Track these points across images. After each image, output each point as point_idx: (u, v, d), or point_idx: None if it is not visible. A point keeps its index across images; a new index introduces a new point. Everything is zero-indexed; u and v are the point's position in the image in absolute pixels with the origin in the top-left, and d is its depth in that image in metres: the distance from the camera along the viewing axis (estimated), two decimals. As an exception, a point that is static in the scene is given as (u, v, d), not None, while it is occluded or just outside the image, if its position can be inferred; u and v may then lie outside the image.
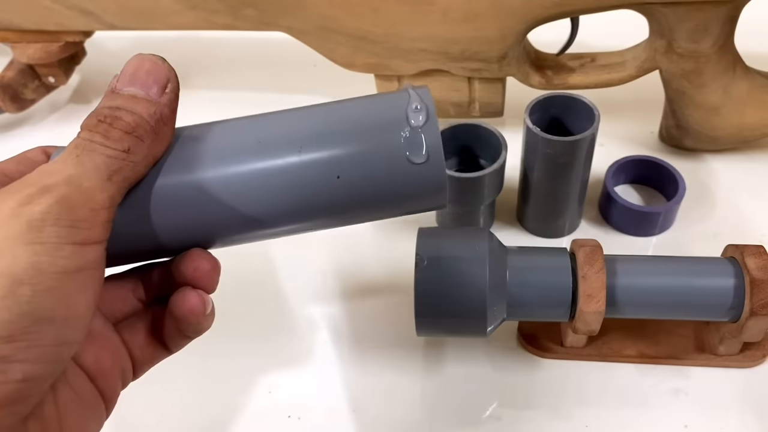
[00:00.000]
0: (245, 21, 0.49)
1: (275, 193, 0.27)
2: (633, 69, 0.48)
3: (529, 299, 0.37)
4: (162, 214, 0.27)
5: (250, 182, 0.27)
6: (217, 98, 0.61)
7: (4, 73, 0.55)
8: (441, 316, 0.36)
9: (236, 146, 0.28)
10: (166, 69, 0.30)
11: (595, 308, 0.35)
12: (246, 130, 0.29)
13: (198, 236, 0.29)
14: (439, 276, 0.36)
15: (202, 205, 0.27)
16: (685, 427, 0.39)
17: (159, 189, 0.27)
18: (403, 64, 0.49)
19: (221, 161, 0.27)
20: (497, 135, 0.43)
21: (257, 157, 0.27)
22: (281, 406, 0.41)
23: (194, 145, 0.28)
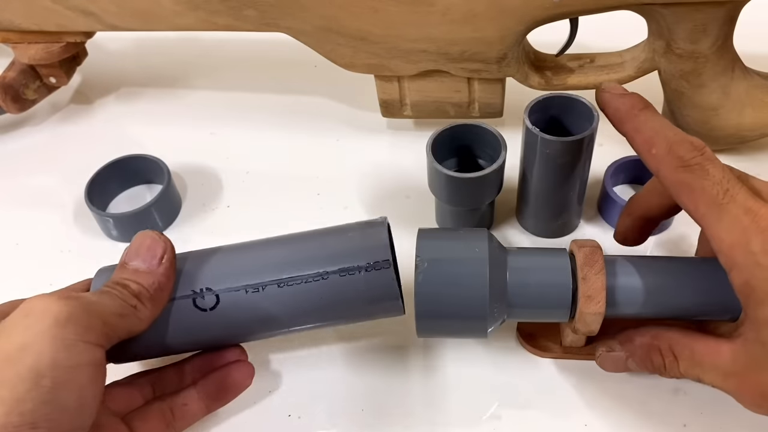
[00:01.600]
0: (246, 22, 0.49)
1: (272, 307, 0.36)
2: (632, 70, 0.48)
3: (529, 300, 0.37)
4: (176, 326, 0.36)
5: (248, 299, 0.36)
6: (218, 98, 0.61)
7: (5, 74, 0.55)
8: (441, 317, 0.36)
9: (232, 272, 0.36)
10: (162, 243, 0.36)
11: (595, 309, 0.35)
12: (246, 257, 0.37)
13: (204, 342, 0.38)
14: (440, 277, 0.36)
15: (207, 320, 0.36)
16: (684, 426, 0.39)
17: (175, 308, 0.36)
18: (403, 65, 0.49)
19: (223, 283, 0.36)
20: (497, 135, 0.44)
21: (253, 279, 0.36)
22: (281, 405, 0.41)
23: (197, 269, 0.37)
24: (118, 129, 0.59)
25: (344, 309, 0.37)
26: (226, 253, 0.38)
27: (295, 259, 0.36)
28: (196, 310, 0.35)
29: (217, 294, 0.35)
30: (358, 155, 0.54)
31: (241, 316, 0.36)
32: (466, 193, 0.43)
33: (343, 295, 0.36)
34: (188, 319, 0.36)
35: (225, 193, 0.53)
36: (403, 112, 0.53)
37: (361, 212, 0.50)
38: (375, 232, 0.37)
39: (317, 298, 0.36)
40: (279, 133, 0.57)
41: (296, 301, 0.36)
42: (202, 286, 0.36)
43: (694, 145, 0.32)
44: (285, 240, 0.38)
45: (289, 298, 0.36)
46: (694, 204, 0.32)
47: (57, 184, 0.55)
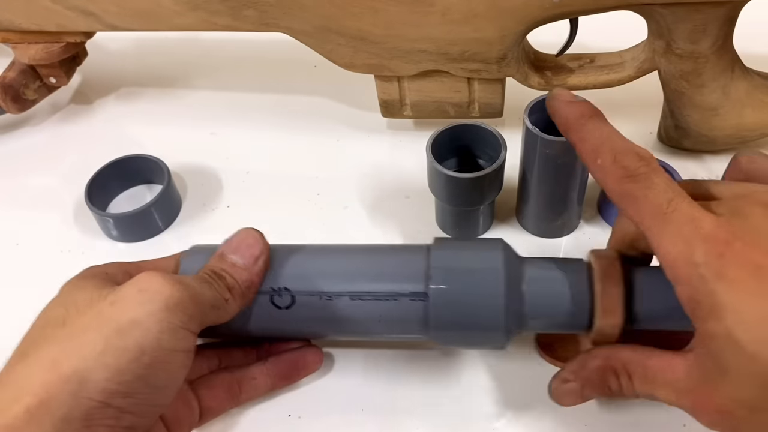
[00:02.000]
0: (246, 22, 0.49)
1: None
2: (632, 70, 0.48)
3: (545, 312, 0.36)
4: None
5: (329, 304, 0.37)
6: (218, 98, 0.61)
7: (5, 74, 0.55)
8: (457, 328, 0.36)
9: (310, 276, 0.38)
10: (261, 244, 0.37)
11: (613, 322, 0.35)
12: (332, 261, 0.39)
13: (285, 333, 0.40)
14: (454, 288, 0.36)
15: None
16: (684, 426, 0.39)
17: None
18: (403, 65, 0.49)
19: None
20: (496, 135, 0.44)
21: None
22: (281, 405, 0.41)
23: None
24: (118, 129, 0.59)
25: (415, 332, 0.38)
26: (307, 254, 0.39)
27: (370, 274, 0.38)
28: (272, 307, 0.37)
29: (294, 295, 0.37)
30: (358, 155, 0.54)
31: (312, 318, 0.38)
32: (466, 193, 0.43)
33: (410, 317, 0.37)
34: (265, 313, 0.38)
35: (225, 193, 0.53)
36: (403, 112, 0.53)
37: (361, 212, 0.50)
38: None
39: (387, 316, 0.37)
40: (279, 133, 0.57)
41: (365, 315, 0.37)
42: (281, 285, 0.37)
43: (640, 155, 0.32)
44: (365, 250, 0.40)
45: (358, 310, 0.37)
46: (640, 216, 0.31)
47: (57, 184, 0.55)
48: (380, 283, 0.37)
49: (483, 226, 0.48)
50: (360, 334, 0.40)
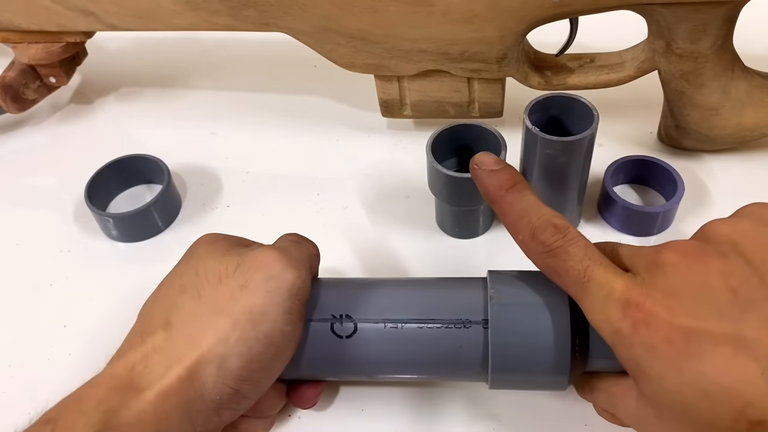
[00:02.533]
0: (246, 22, 0.49)
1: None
2: (632, 69, 0.48)
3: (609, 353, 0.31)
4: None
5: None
6: (218, 98, 0.61)
7: (5, 74, 0.55)
8: (516, 372, 0.34)
9: (373, 304, 0.36)
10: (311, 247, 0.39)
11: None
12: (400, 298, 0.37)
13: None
14: (516, 326, 0.33)
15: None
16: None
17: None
18: (403, 65, 0.49)
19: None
20: (496, 135, 0.44)
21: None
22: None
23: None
24: (118, 129, 0.59)
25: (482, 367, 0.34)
26: (366, 284, 0.37)
27: (439, 302, 0.35)
28: (332, 335, 0.35)
29: (356, 322, 0.35)
30: (358, 155, 0.54)
31: (376, 349, 0.35)
32: (466, 193, 0.43)
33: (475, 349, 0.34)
34: (324, 343, 0.35)
35: (225, 193, 0.53)
36: (403, 112, 0.53)
37: (361, 212, 0.50)
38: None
39: (456, 347, 0.34)
40: (279, 133, 0.57)
41: (434, 345, 0.34)
42: (342, 312, 0.35)
43: (557, 227, 0.31)
44: (430, 281, 0.39)
45: (428, 339, 0.34)
46: (566, 287, 0.31)
47: (57, 184, 0.55)
48: (449, 311, 0.34)
49: (483, 226, 0.48)
50: (418, 371, 0.37)
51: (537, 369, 0.33)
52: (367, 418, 0.40)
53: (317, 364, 0.36)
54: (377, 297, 0.36)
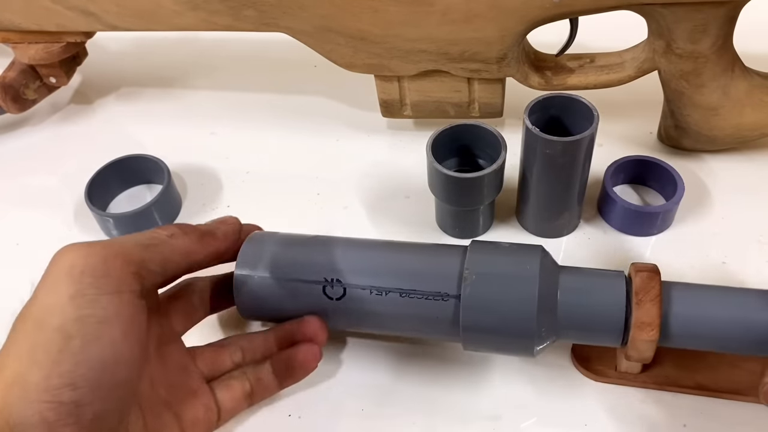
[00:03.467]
0: (246, 22, 0.49)
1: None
2: (632, 70, 0.48)
3: (579, 322, 0.36)
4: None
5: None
6: (218, 98, 0.61)
7: (5, 74, 0.55)
8: (487, 332, 0.36)
9: (362, 270, 0.39)
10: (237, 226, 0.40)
11: (649, 337, 0.34)
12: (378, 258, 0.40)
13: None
14: (487, 292, 0.36)
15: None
16: (684, 426, 0.39)
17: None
18: (403, 65, 0.49)
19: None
20: (497, 135, 0.44)
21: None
22: (281, 405, 0.41)
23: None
24: (118, 129, 0.59)
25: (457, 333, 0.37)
26: (359, 249, 0.40)
27: (421, 273, 0.38)
28: (324, 297, 0.39)
29: (345, 287, 0.38)
30: (358, 155, 0.54)
31: (361, 311, 0.39)
32: (466, 193, 0.43)
33: (448, 317, 0.37)
34: (316, 302, 0.39)
35: (225, 193, 0.53)
36: (403, 112, 0.53)
37: (361, 212, 0.50)
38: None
39: (434, 316, 0.37)
40: (279, 133, 0.57)
41: (413, 312, 0.38)
42: (333, 276, 0.38)
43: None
44: (416, 249, 0.41)
45: (407, 308, 0.38)
46: None
47: (57, 184, 0.55)
48: (430, 282, 0.37)
49: (483, 226, 0.48)
50: (407, 332, 0.41)
51: (505, 341, 0.37)
52: (367, 418, 0.40)
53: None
54: (365, 263, 0.39)
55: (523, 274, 0.36)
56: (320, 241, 0.41)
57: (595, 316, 0.36)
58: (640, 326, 0.34)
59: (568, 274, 0.37)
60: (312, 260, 0.39)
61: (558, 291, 0.36)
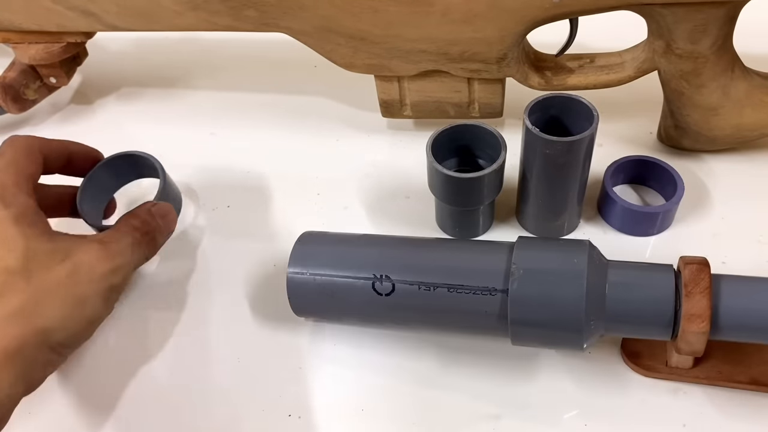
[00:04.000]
0: (246, 22, 0.49)
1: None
2: (632, 70, 0.48)
3: (628, 315, 0.36)
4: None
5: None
6: (218, 99, 0.61)
7: (5, 74, 0.55)
8: (536, 327, 0.37)
9: (410, 266, 0.40)
10: (175, 222, 0.46)
11: (699, 329, 0.34)
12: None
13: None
14: (536, 287, 0.36)
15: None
16: (684, 426, 0.39)
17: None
18: (403, 65, 0.49)
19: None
20: (496, 135, 0.44)
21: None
22: (281, 405, 0.41)
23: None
24: (118, 129, 0.59)
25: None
26: (404, 245, 0.42)
27: (469, 268, 0.39)
28: (373, 293, 0.39)
29: (394, 283, 0.39)
30: (358, 155, 0.55)
31: (409, 307, 0.39)
32: (466, 193, 0.43)
33: (498, 312, 0.38)
34: (366, 299, 0.40)
35: (225, 193, 0.53)
36: (403, 112, 0.53)
37: (361, 212, 0.50)
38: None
39: (482, 311, 0.38)
40: (279, 133, 0.57)
41: (461, 307, 0.38)
42: (382, 273, 0.39)
43: None
44: (463, 245, 0.42)
45: (454, 303, 0.38)
46: None
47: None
48: (476, 278, 0.38)
49: (483, 226, 0.48)
50: (446, 326, 0.41)
51: (553, 336, 0.37)
52: (367, 418, 0.40)
53: (358, 315, 0.41)
54: (413, 259, 0.40)
55: (571, 268, 0.36)
56: (369, 240, 0.43)
57: (643, 309, 0.36)
58: (690, 318, 0.34)
59: (616, 268, 0.37)
60: (361, 258, 0.41)
61: (606, 284, 0.36)
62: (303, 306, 0.42)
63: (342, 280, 0.40)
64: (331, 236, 0.43)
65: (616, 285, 0.36)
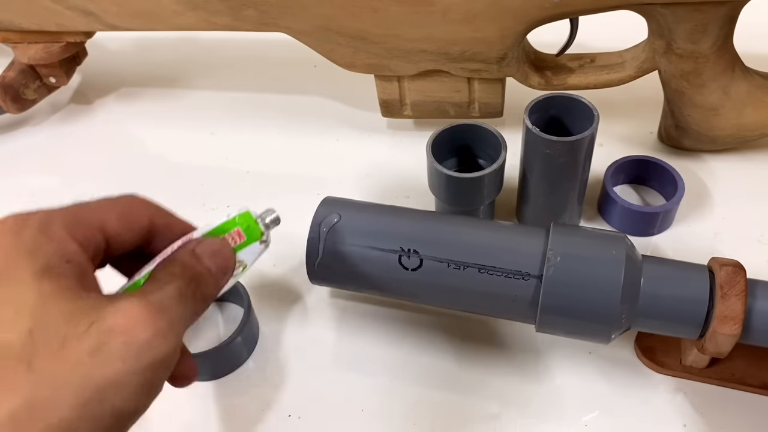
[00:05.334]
0: (246, 22, 0.49)
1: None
2: (632, 69, 0.48)
3: (660, 312, 0.36)
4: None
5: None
6: (218, 98, 0.61)
7: (5, 74, 0.55)
8: (566, 315, 0.36)
9: (440, 243, 0.38)
10: (232, 262, 0.31)
11: (731, 331, 0.34)
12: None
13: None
14: (572, 274, 0.35)
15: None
16: (684, 426, 0.39)
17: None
18: (403, 65, 0.49)
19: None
20: (497, 135, 0.44)
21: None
22: (281, 405, 0.41)
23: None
24: (118, 129, 0.59)
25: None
26: (436, 220, 0.40)
27: (502, 250, 0.37)
28: (399, 267, 0.38)
29: (422, 259, 0.37)
30: (358, 155, 0.54)
31: (436, 284, 0.38)
32: (466, 193, 0.43)
33: (528, 297, 0.36)
34: (390, 272, 0.38)
35: (225, 193, 0.53)
36: (403, 112, 0.53)
37: (361, 212, 0.50)
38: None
39: (511, 294, 0.36)
40: (279, 133, 0.57)
41: (490, 290, 0.37)
42: (410, 247, 0.37)
43: None
44: (497, 226, 0.40)
45: (484, 285, 0.37)
46: None
47: (57, 184, 0.55)
48: (510, 261, 0.36)
49: (483, 226, 0.48)
50: (471, 307, 0.39)
51: (583, 326, 0.36)
52: (367, 418, 0.40)
53: (378, 287, 0.39)
54: (444, 236, 0.38)
55: (610, 258, 0.35)
56: (397, 211, 0.41)
57: (677, 307, 0.35)
58: (723, 320, 0.34)
59: (652, 263, 0.36)
60: (389, 228, 0.39)
61: (642, 279, 0.35)
62: (321, 274, 0.40)
63: (366, 250, 0.38)
64: (356, 203, 0.41)
65: (651, 279, 0.36)
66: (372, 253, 0.38)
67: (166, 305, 0.27)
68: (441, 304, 0.41)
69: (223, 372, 0.42)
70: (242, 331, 0.41)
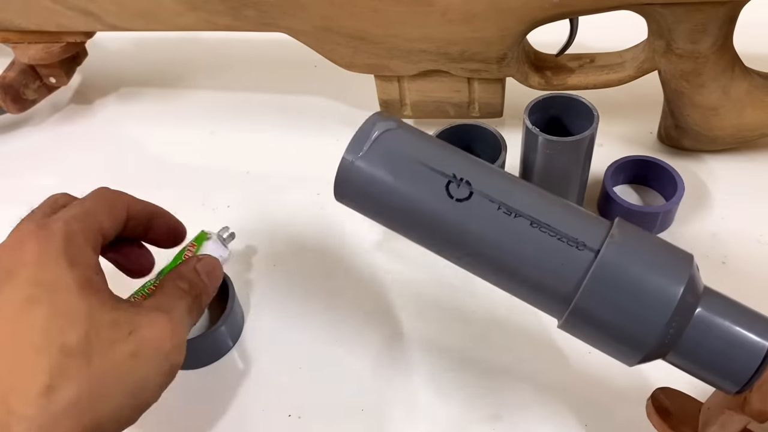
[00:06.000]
0: (246, 22, 0.49)
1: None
2: (632, 70, 0.48)
3: (704, 353, 0.30)
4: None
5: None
6: (218, 98, 0.61)
7: (5, 74, 0.55)
8: (597, 323, 0.31)
9: (497, 184, 0.33)
10: (219, 281, 0.37)
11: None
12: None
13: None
14: (630, 260, 0.30)
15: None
16: None
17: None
18: (403, 65, 0.49)
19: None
20: (497, 135, 0.44)
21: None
22: (281, 405, 0.41)
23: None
24: (118, 129, 0.59)
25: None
26: (494, 168, 0.34)
27: (563, 212, 0.32)
28: (444, 194, 0.32)
29: (472, 192, 0.32)
30: (358, 155, 0.54)
31: (478, 226, 0.32)
32: (466, 193, 0.43)
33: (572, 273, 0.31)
34: (433, 198, 0.32)
35: (225, 193, 0.53)
36: (403, 112, 0.53)
37: (361, 212, 0.50)
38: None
39: (557, 262, 0.31)
40: (279, 133, 0.57)
41: (536, 251, 0.31)
42: (462, 176, 0.32)
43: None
44: (557, 196, 0.34)
45: (531, 242, 0.31)
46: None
47: (57, 184, 0.55)
48: (572, 226, 0.31)
49: (483, 226, 0.48)
50: (503, 268, 0.33)
51: (618, 332, 0.30)
52: (367, 418, 0.40)
53: (414, 213, 0.33)
54: (502, 179, 0.33)
55: (674, 264, 0.30)
56: (452, 148, 0.35)
57: (726, 352, 0.30)
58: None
59: (714, 294, 0.31)
60: (443, 151, 0.34)
61: (698, 306, 0.30)
62: (352, 189, 0.34)
63: (413, 165, 0.33)
64: (406, 125, 0.36)
65: (708, 309, 0.30)
66: (420, 169, 0.32)
67: (181, 320, 0.33)
68: (470, 258, 0.33)
69: (207, 360, 0.43)
70: (226, 320, 0.42)
